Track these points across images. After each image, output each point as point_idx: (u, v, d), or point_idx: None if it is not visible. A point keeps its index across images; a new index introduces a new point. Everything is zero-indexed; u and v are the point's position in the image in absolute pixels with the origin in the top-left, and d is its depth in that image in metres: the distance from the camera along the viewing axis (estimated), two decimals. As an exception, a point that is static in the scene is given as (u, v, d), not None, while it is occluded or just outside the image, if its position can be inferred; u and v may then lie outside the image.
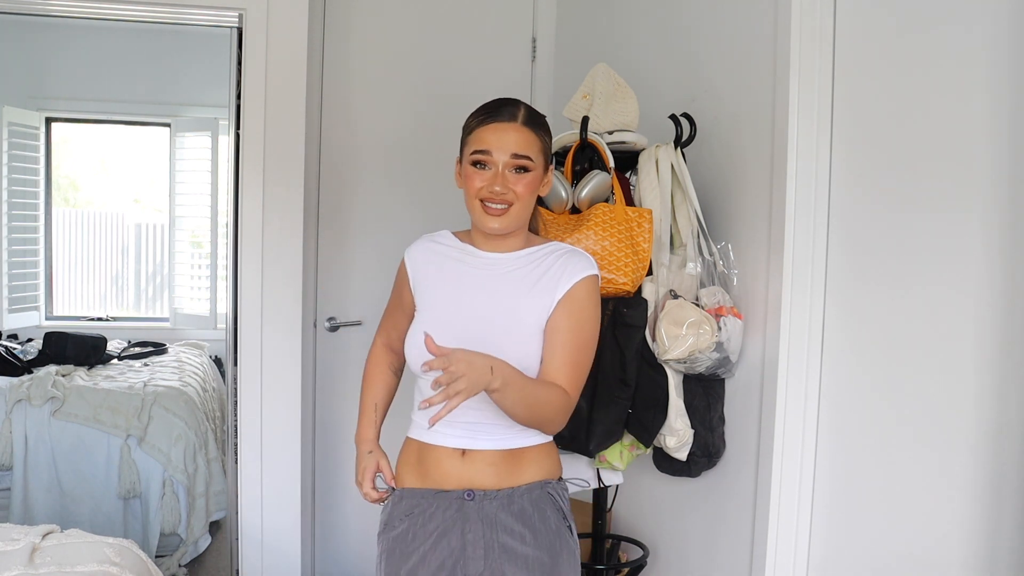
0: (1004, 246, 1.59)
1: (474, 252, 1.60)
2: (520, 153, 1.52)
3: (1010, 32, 1.58)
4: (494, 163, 1.52)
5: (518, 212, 1.53)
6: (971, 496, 1.64)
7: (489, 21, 3.06)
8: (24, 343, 4.35)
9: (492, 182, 1.51)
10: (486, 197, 1.52)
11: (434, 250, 1.63)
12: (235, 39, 2.71)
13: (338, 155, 2.92)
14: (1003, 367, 1.59)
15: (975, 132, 1.63)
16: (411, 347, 1.55)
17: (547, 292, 1.54)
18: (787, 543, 1.91)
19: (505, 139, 1.52)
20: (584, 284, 1.54)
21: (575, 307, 1.53)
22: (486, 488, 1.53)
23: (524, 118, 1.54)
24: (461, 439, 1.54)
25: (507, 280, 1.56)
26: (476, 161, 1.53)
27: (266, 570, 2.70)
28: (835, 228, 1.88)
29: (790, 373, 1.90)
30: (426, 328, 1.50)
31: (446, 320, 1.54)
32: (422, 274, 1.62)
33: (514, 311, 1.53)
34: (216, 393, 4.20)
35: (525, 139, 1.53)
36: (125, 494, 3.30)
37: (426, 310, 1.59)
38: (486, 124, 1.54)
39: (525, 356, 1.51)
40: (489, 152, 1.52)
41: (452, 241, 1.64)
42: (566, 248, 1.60)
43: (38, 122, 5.06)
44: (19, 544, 1.97)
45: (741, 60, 2.11)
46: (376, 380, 1.75)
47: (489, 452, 1.54)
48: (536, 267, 1.57)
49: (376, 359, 1.77)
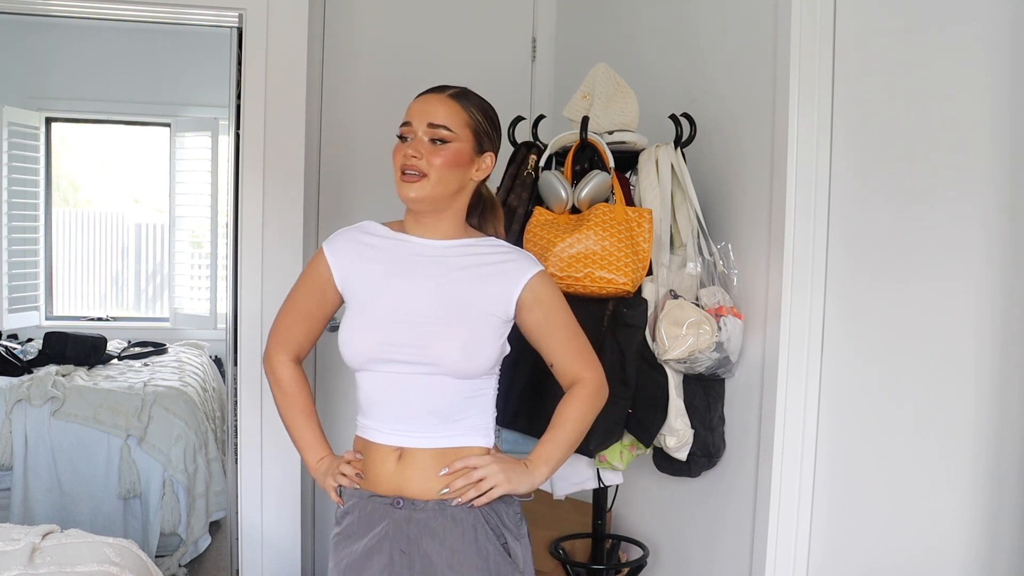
0: (1004, 245, 1.59)
1: (408, 239, 1.55)
2: (437, 123, 1.48)
3: (1010, 30, 1.58)
4: (413, 132, 1.49)
5: (434, 185, 1.47)
6: (971, 496, 1.64)
7: (489, 21, 3.06)
8: (24, 343, 4.35)
9: (407, 149, 1.48)
10: (403, 165, 1.48)
11: (362, 240, 1.57)
12: (235, 39, 2.71)
13: (338, 155, 2.92)
14: (1004, 366, 1.59)
15: (975, 133, 1.63)
16: (350, 344, 1.50)
17: (500, 283, 1.52)
18: (787, 543, 1.91)
19: (425, 108, 1.50)
20: (541, 279, 1.54)
21: (547, 303, 1.54)
22: (415, 497, 1.49)
23: (452, 92, 1.53)
24: (398, 436, 1.50)
25: (448, 266, 1.52)
26: (400, 135, 1.51)
27: (266, 570, 2.70)
28: (835, 228, 1.88)
29: (790, 373, 1.89)
30: (371, 318, 1.49)
31: (390, 308, 1.50)
32: (352, 267, 1.55)
33: (458, 298, 1.50)
34: (216, 393, 4.20)
35: (447, 109, 1.50)
36: (125, 494, 3.29)
37: (366, 301, 1.52)
38: (417, 97, 1.53)
39: (470, 345, 1.48)
40: (409, 123, 1.50)
41: (383, 231, 1.58)
42: (509, 247, 1.58)
43: (38, 122, 5.06)
44: (19, 544, 1.97)
45: (741, 60, 2.11)
46: (309, 402, 1.63)
47: (424, 452, 1.49)
48: (480, 257, 1.54)
49: (294, 378, 1.62)
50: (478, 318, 1.50)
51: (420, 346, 1.47)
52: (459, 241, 1.55)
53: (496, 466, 1.48)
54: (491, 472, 1.48)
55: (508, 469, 1.49)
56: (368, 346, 1.49)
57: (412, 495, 1.49)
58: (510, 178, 2.14)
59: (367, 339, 1.49)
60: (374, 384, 1.51)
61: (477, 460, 1.49)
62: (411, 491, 1.49)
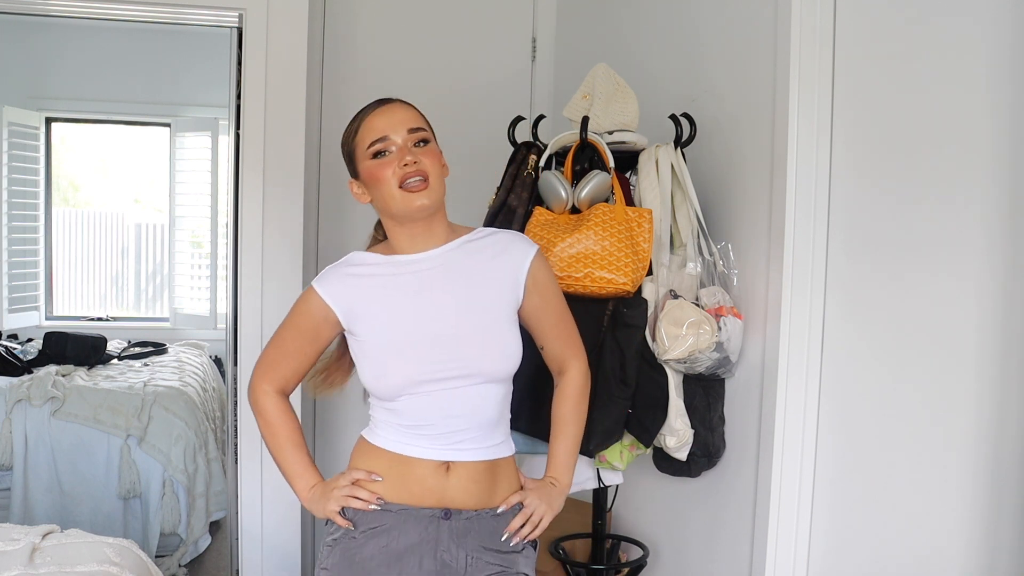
0: (1005, 244, 1.59)
1: (403, 260, 1.51)
2: (415, 126, 1.48)
3: (1011, 28, 1.58)
4: (395, 143, 1.46)
5: (435, 185, 1.46)
6: (971, 496, 1.64)
7: (489, 21, 3.06)
8: (24, 343, 4.35)
9: (400, 159, 1.44)
10: (402, 176, 1.44)
11: (354, 274, 1.52)
12: (235, 39, 2.71)
13: (338, 155, 2.91)
14: (1004, 366, 1.59)
15: (976, 131, 1.63)
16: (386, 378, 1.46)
17: (506, 277, 1.52)
18: (787, 543, 1.91)
19: (394, 118, 1.48)
20: (537, 261, 1.55)
21: (543, 286, 1.56)
22: (463, 508, 1.49)
23: (398, 100, 1.52)
24: (446, 450, 1.48)
25: (455, 272, 1.50)
26: (376, 152, 1.47)
27: (266, 570, 2.70)
28: (835, 228, 1.88)
29: (790, 373, 1.90)
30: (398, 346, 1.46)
31: (415, 331, 1.47)
32: (356, 303, 1.49)
33: (480, 300, 1.49)
34: (216, 393, 4.20)
35: (412, 113, 1.50)
36: (125, 494, 3.30)
37: (384, 332, 1.48)
38: (368, 114, 1.50)
39: (504, 344, 1.49)
40: (386, 136, 1.46)
41: (373, 259, 1.53)
42: (499, 231, 1.58)
43: (38, 122, 5.06)
44: (19, 544, 1.97)
45: (741, 60, 2.11)
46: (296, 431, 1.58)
47: (472, 465, 1.49)
48: (479, 253, 1.53)
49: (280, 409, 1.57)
50: (501, 315, 1.50)
51: (458, 359, 1.46)
52: (452, 244, 1.53)
53: (536, 498, 1.55)
54: (537, 507, 1.54)
55: (545, 496, 1.56)
56: (407, 374, 1.46)
57: (459, 506, 1.49)
58: (510, 178, 2.14)
59: (404, 368, 1.46)
60: (418, 407, 1.47)
61: (525, 502, 1.55)
62: (458, 502, 1.49)
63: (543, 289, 1.56)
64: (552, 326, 1.59)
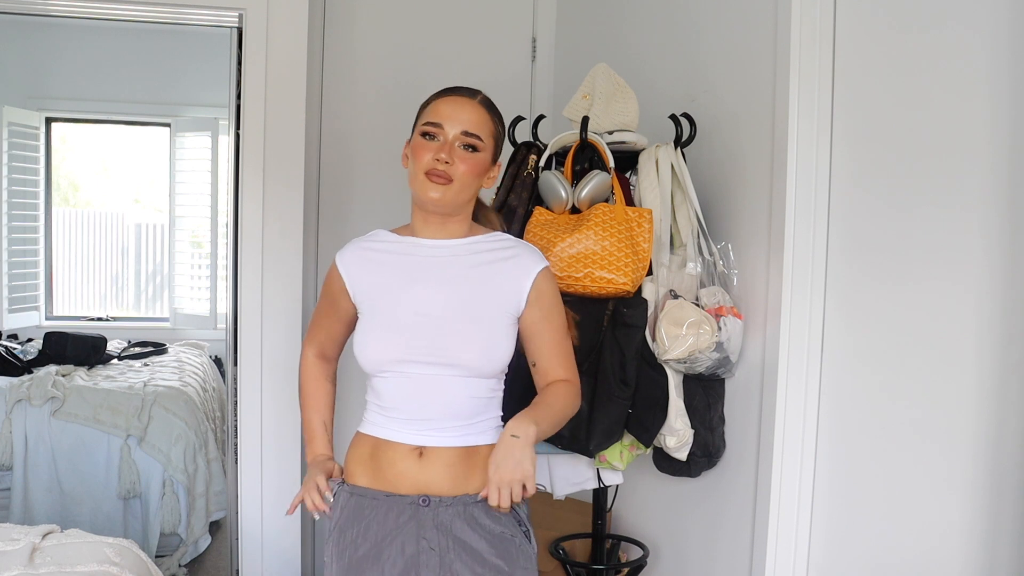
0: (1004, 245, 1.59)
1: (418, 242, 1.56)
2: (471, 131, 1.49)
3: (1010, 30, 1.58)
4: (444, 135, 1.49)
5: (457, 192, 1.49)
6: (971, 496, 1.64)
7: (489, 21, 3.06)
8: (24, 343, 4.35)
9: (438, 151, 1.48)
10: (431, 166, 1.47)
11: (371, 248, 1.59)
12: (235, 39, 2.71)
13: (338, 155, 2.92)
14: (1004, 366, 1.59)
15: (975, 131, 1.63)
16: (367, 350, 1.52)
17: (509, 283, 1.53)
18: (787, 543, 1.91)
19: (459, 113, 1.50)
20: (544, 276, 1.56)
21: (545, 302, 1.56)
22: (441, 494, 1.49)
23: (482, 99, 1.54)
24: (419, 435, 1.50)
25: (460, 265, 1.54)
26: (426, 132, 1.50)
27: (266, 570, 2.70)
28: (835, 228, 1.88)
29: (790, 373, 1.90)
30: (388, 322, 1.51)
31: (406, 312, 1.51)
32: (362, 279, 1.58)
33: (474, 297, 1.51)
34: (216, 393, 4.20)
35: (479, 118, 1.51)
36: (125, 494, 3.29)
37: (382, 307, 1.54)
38: (443, 97, 1.53)
39: (489, 343, 1.50)
40: (441, 124, 1.50)
41: (391, 237, 1.60)
42: (513, 240, 1.60)
43: (38, 122, 5.06)
44: (19, 544, 1.97)
45: (741, 60, 2.11)
46: (319, 396, 1.70)
47: (447, 451, 1.50)
48: (487, 255, 1.55)
49: (312, 372, 1.71)
50: (493, 316, 1.52)
51: (439, 347, 1.48)
52: (467, 239, 1.57)
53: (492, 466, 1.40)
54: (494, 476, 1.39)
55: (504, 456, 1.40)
56: (386, 350, 1.50)
57: (437, 492, 1.50)
58: (510, 178, 2.14)
59: (385, 344, 1.51)
60: (394, 387, 1.52)
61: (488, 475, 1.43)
62: (436, 489, 1.50)
63: (545, 304, 1.56)
64: (548, 342, 1.57)
